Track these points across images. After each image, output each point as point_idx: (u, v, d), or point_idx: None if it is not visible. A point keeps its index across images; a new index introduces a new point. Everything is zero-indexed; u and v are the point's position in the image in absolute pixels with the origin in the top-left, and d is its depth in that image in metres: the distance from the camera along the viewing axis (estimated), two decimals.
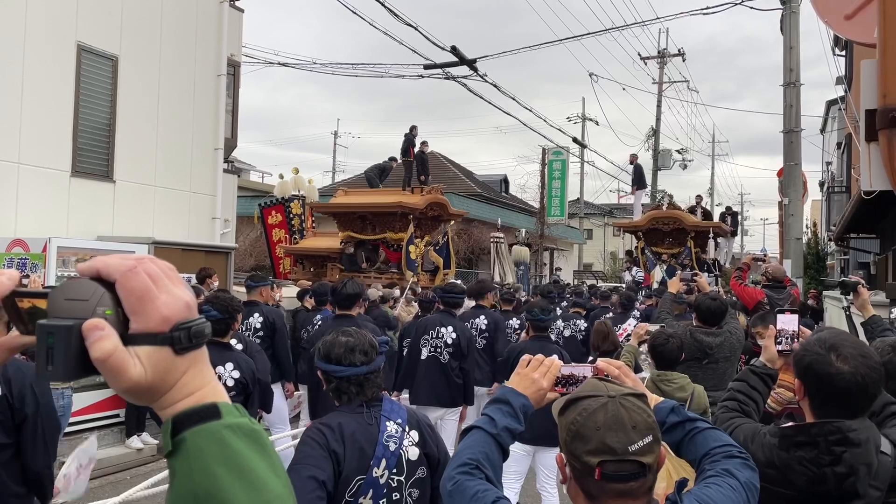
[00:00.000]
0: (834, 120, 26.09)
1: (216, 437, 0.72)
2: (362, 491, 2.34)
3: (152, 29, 10.08)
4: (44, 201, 8.67)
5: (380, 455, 2.38)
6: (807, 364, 1.98)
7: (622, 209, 40.21)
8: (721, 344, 4.65)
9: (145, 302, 0.73)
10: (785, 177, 15.17)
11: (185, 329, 0.74)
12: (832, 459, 1.87)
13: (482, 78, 14.77)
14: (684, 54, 30.21)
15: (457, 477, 1.63)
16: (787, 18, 14.57)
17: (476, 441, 1.70)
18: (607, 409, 1.43)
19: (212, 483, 0.69)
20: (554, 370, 1.78)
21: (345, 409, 2.49)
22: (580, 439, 1.43)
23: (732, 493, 1.53)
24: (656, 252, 18.63)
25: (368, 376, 2.49)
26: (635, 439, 1.40)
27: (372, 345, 2.53)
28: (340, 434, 2.37)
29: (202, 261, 9.04)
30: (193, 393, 0.75)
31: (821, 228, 28.07)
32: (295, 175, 16.83)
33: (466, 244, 23.07)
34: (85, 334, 0.71)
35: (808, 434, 1.93)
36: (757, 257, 8.70)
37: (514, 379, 1.82)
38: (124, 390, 0.73)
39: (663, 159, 30.26)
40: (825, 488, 1.87)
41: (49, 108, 8.74)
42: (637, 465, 1.40)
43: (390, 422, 2.46)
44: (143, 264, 0.75)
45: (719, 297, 5.10)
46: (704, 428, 1.70)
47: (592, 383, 1.55)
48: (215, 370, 4.06)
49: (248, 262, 20.35)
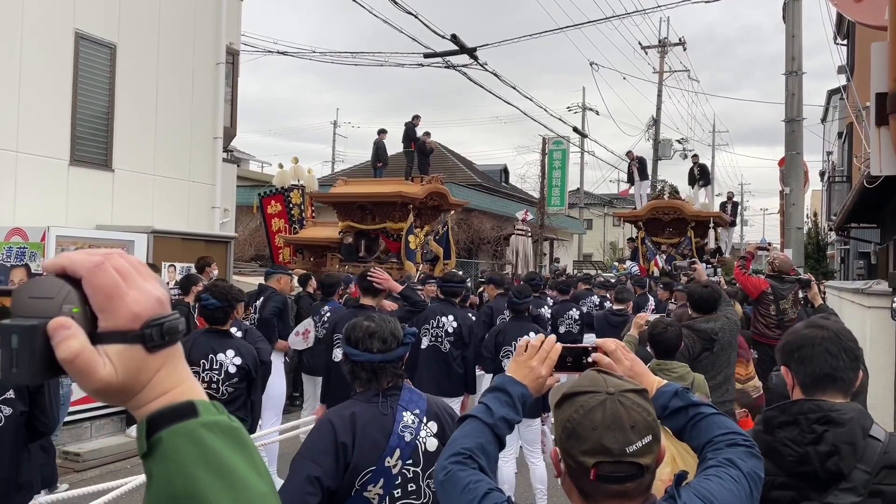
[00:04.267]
0: (835, 109, 26.02)
1: (193, 437, 0.69)
2: (371, 480, 2.33)
3: (151, 17, 10.01)
4: (42, 190, 8.62)
5: (393, 445, 2.36)
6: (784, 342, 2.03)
7: (622, 199, 40.15)
8: (723, 328, 4.65)
9: (113, 299, 0.70)
10: (786, 166, 15.15)
11: (156, 326, 0.71)
12: (814, 438, 1.85)
13: (482, 67, 14.69)
14: (685, 43, 30.12)
15: (449, 467, 1.57)
16: (791, 6, 14.49)
17: (471, 430, 1.64)
18: (605, 407, 1.37)
19: (191, 484, 0.67)
20: (553, 355, 1.70)
21: (360, 397, 2.47)
22: (576, 438, 1.37)
23: (734, 486, 1.47)
24: (656, 242, 18.60)
25: (384, 364, 2.45)
26: (633, 440, 1.34)
27: (393, 334, 2.49)
28: (352, 424, 2.35)
29: (202, 250, 9.01)
30: (168, 391, 0.72)
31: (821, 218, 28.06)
32: (294, 165, 16.77)
33: (466, 234, 23.03)
34: (50, 333, 0.68)
35: (789, 413, 1.92)
36: (761, 247, 8.69)
37: (512, 366, 1.75)
38: (94, 391, 0.70)
39: (664, 149, 30.23)
40: (810, 468, 1.85)
41: (47, 96, 8.69)
42: (634, 467, 1.35)
43: (407, 412, 2.44)
44: (111, 259, 0.72)
45: (711, 285, 5.11)
46: (709, 414, 1.64)
47: (591, 377, 1.47)
48: (216, 357, 4.06)
49: (247, 251, 20.30)
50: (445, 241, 15.01)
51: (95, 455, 6.90)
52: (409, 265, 13.33)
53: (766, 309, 6.77)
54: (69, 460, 6.71)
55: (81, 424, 7.13)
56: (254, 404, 4.35)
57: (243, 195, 17.77)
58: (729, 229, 21.25)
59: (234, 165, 12.91)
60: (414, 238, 13.93)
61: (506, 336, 5.80)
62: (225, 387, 4.11)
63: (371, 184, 15.54)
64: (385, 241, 14.36)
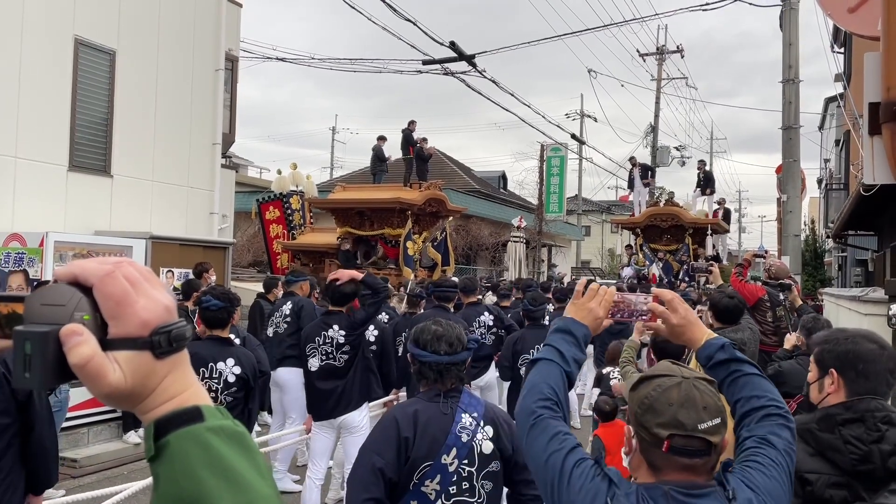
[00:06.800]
0: (832, 117, 26.11)
1: (200, 440, 0.71)
2: (429, 475, 2.48)
3: (151, 23, 10.04)
4: (41, 195, 8.63)
5: (451, 444, 2.51)
6: (844, 350, 2.03)
7: (620, 206, 40.19)
8: (749, 339, 4.62)
9: (124, 306, 0.72)
10: (783, 174, 15.18)
11: (164, 333, 0.73)
12: (878, 437, 1.88)
13: (481, 74, 14.74)
14: (683, 51, 30.20)
15: (539, 411, 1.65)
16: (787, 15, 14.56)
17: (549, 373, 1.73)
18: (681, 388, 1.49)
19: (197, 487, 0.69)
20: (609, 298, 1.83)
21: (423, 396, 2.66)
22: (652, 412, 1.49)
23: (775, 471, 1.56)
24: (654, 248, 18.62)
25: (449, 366, 2.64)
26: (705, 419, 1.46)
27: (459, 339, 2.68)
28: (414, 421, 2.53)
29: (200, 256, 9.01)
30: (175, 396, 0.74)
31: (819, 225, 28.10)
32: (293, 170, 16.78)
33: (464, 240, 23.05)
34: (63, 340, 0.70)
35: (855, 410, 1.94)
36: (758, 254, 8.71)
37: (570, 309, 1.85)
38: (104, 396, 0.72)
39: (661, 156, 30.27)
40: (871, 467, 1.87)
41: (46, 102, 8.70)
42: (704, 443, 1.46)
43: (466, 414, 2.58)
44: (122, 268, 0.74)
45: (736, 295, 5.00)
46: (748, 373, 1.72)
47: (666, 365, 1.61)
48: (216, 367, 4.06)
49: (245, 257, 20.31)
50: (444, 248, 15.02)
51: (92, 461, 6.90)
52: (407, 271, 13.34)
53: (763, 316, 6.79)
54: (66, 466, 6.70)
55: (78, 430, 7.12)
56: (251, 413, 4.34)
57: (241, 201, 17.78)
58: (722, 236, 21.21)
59: (232, 171, 12.93)
60: (412, 244, 13.94)
61: (524, 344, 5.78)
62: (223, 396, 4.10)
63: (369, 190, 15.56)
64: (383, 247, 14.38)
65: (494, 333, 7.13)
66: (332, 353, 5.08)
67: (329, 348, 5.07)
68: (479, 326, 7.09)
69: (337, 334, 5.08)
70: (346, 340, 5.07)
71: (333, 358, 5.08)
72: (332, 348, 5.07)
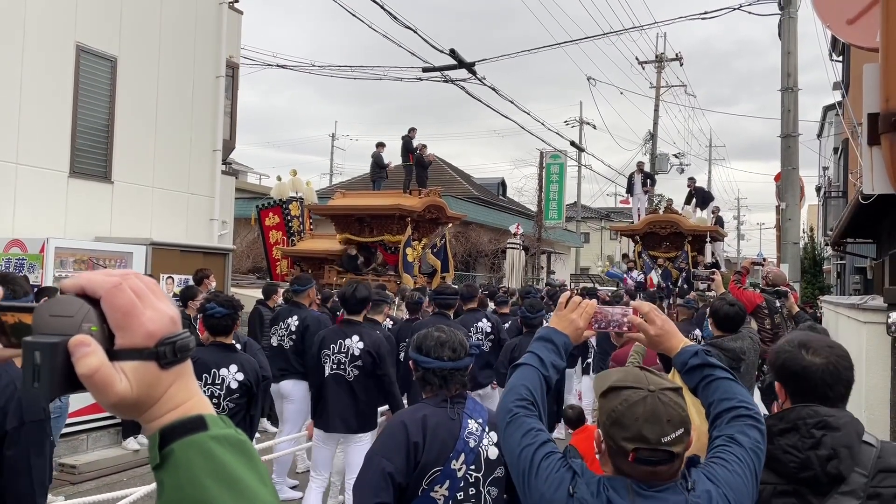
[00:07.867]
0: (831, 125, 26.16)
1: (203, 449, 0.73)
2: (438, 481, 2.50)
3: (151, 30, 10.07)
4: (42, 202, 8.65)
5: (459, 449, 2.53)
6: (781, 363, 2.04)
7: (619, 213, 40.24)
8: (749, 348, 4.63)
9: (130, 317, 0.74)
10: (782, 181, 15.22)
11: (169, 344, 0.75)
12: (813, 443, 1.89)
13: (481, 81, 14.79)
14: (682, 59, 30.29)
15: (516, 410, 1.77)
16: (786, 23, 14.62)
17: (528, 376, 1.84)
18: (646, 402, 1.56)
19: (201, 494, 0.70)
20: (589, 310, 1.94)
21: (430, 401, 2.66)
22: (619, 426, 1.56)
23: (739, 467, 1.65)
24: (653, 256, 18.62)
25: (453, 372, 2.66)
26: (668, 432, 1.54)
27: (461, 344, 2.73)
28: (423, 426, 2.54)
29: (200, 262, 9.02)
30: (179, 406, 0.76)
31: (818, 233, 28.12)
32: (293, 177, 16.79)
33: (464, 247, 23.06)
34: (71, 350, 0.71)
35: (787, 420, 1.95)
36: (756, 262, 8.73)
37: (553, 319, 1.97)
38: (111, 405, 0.74)
39: (660, 163, 30.33)
40: (812, 473, 1.88)
41: (48, 108, 8.73)
42: (667, 454, 1.55)
43: (472, 420, 2.61)
44: (128, 280, 0.76)
45: (737, 303, 5.01)
46: (720, 377, 1.83)
47: (635, 374, 1.65)
48: (219, 373, 4.07)
49: (245, 263, 20.30)
50: (443, 254, 15.03)
51: (92, 467, 6.89)
52: (407, 278, 13.34)
53: (761, 323, 6.80)
54: (65, 472, 6.69)
55: (78, 436, 7.11)
56: (252, 419, 4.34)
57: (241, 207, 17.80)
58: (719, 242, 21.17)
59: (232, 177, 12.95)
60: (412, 251, 13.95)
61: (521, 352, 5.77)
62: (226, 402, 4.10)
63: (369, 196, 15.57)
64: (382, 254, 14.38)
65: (492, 340, 7.16)
66: (344, 365, 5.01)
67: (342, 357, 5.01)
68: (476, 332, 7.11)
69: (355, 346, 5.02)
70: (360, 355, 5.00)
71: (343, 370, 5.02)
72: (346, 359, 5.01)
